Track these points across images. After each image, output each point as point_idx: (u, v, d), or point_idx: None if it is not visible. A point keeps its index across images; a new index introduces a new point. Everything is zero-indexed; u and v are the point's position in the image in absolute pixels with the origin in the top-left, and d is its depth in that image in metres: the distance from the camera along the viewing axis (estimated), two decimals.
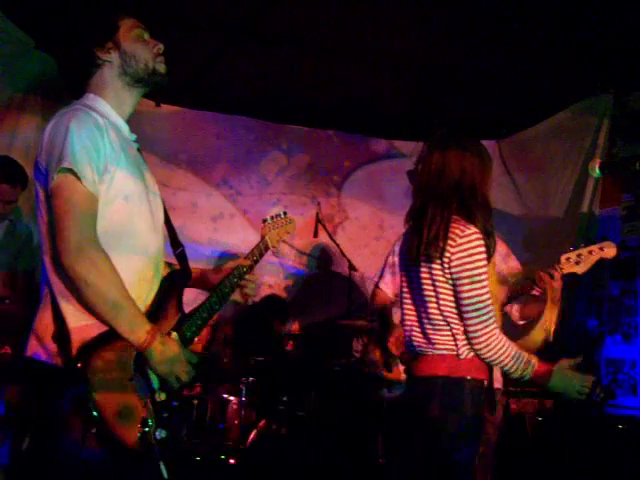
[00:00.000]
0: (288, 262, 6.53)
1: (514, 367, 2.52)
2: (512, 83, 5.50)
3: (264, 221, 2.89)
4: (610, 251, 3.29)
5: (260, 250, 2.77)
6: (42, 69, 4.82)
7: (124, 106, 2.30)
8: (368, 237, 6.79)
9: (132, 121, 2.40)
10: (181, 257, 2.46)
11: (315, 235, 5.97)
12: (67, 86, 2.34)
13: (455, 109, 5.96)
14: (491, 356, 2.51)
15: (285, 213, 2.98)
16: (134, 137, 2.34)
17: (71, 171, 2.00)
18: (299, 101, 6.19)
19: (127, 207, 2.16)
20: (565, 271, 3.32)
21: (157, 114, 5.97)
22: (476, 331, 2.50)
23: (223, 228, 6.31)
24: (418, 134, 6.67)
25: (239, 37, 5.06)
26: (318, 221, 5.95)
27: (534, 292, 3.49)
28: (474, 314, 2.50)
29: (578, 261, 3.30)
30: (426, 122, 6.10)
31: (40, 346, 2.05)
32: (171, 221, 2.48)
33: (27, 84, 4.92)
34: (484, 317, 2.49)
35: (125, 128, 2.30)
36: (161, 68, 2.32)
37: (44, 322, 2.08)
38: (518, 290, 3.51)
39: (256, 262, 2.73)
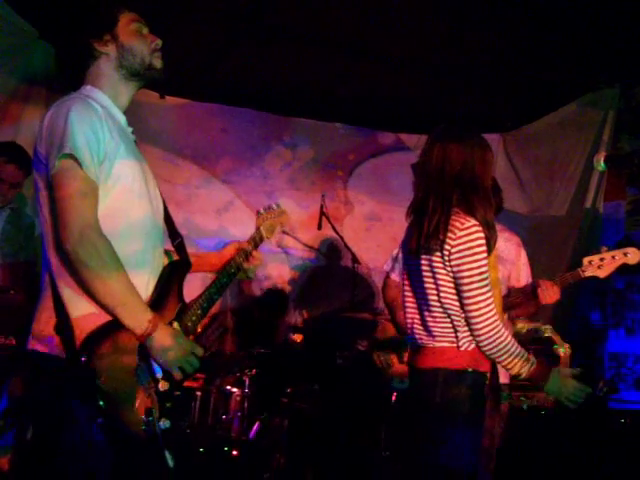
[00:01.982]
0: (292, 255, 6.53)
1: (512, 363, 2.53)
2: (517, 76, 5.47)
3: (258, 213, 2.92)
4: (634, 257, 3.27)
5: (255, 241, 2.80)
6: (46, 60, 4.83)
7: (121, 98, 2.32)
8: (374, 230, 6.78)
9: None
10: (180, 247, 2.47)
11: (319, 228, 5.98)
12: (64, 77, 2.36)
13: (461, 102, 5.94)
14: (491, 349, 2.52)
15: (278, 205, 3.01)
16: (131, 129, 2.36)
17: (72, 157, 2.02)
18: (305, 94, 6.18)
19: (126, 195, 2.17)
20: (587, 274, 3.30)
21: (162, 106, 5.98)
22: (477, 323, 2.51)
23: (227, 221, 6.31)
24: (424, 127, 6.65)
25: (245, 29, 5.05)
26: (322, 214, 5.96)
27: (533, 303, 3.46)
28: (475, 306, 2.50)
29: (600, 265, 3.28)
30: (432, 115, 6.10)
31: (43, 339, 2.06)
32: (169, 212, 2.48)
33: (31, 75, 4.94)
34: (485, 309, 2.50)
35: (122, 119, 2.31)
36: (157, 63, 2.34)
37: (45, 314, 2.08)
38: (517, 302, 3.49)
39: (251, 252, 2.76)
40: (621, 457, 4.23)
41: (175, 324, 2.26)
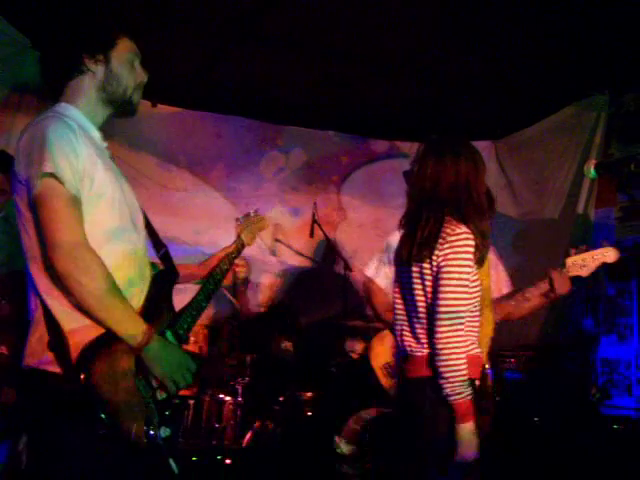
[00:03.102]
0: (285, 262, 6.53)
1: (451, 379, 2.44)
2: (509, 84, 5.50)
3: (237, 220, 2.95)
4: (612, 255, 3.34)
5: (238, 248, 2.85)
6: (38, 70, 4.82)
7: (96, 117, 2.30)
8: (367, 237, 6.78)
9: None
10: (165, 257, 2.46)
11: (311, 235, 5.99)
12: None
13: (453, 109, 5.97)
14: (441, 355, 2.47)
15: (256, 212, 3.05)
16: (105, 144, 2.33)
17: (53, 175, 2.00)
18: (298, 101, 6.18)
19: (108, 210, 2.17)
20: (571, 274, 3.37)
21: (155, 115, 5.98)
22: (439, 326, 2.47)
23: (221, 227, 6.30)
24: (417, 134, 6.68)
25: (238, 37, 5.06)
26: (314, 221, 5.98)
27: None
28: (444, 309, 2.48)
29: (583, 265, 3.35)
30: (425, 122, 6.13)
31: (37, 355, 2.05)
32: (151, 223, 2.48)
33: (24, 84, 4.93)
34: (453, 315, 2.47)
35: (97, 135, 2.29)
36: (136, 99, 2.35)
37: (38, 332, 2.07)
38: (532, 295, 3.51)
39: (234, 259, 2.82)
40: (614, 463, 4.23)
41: (168, 333, 2.26)
